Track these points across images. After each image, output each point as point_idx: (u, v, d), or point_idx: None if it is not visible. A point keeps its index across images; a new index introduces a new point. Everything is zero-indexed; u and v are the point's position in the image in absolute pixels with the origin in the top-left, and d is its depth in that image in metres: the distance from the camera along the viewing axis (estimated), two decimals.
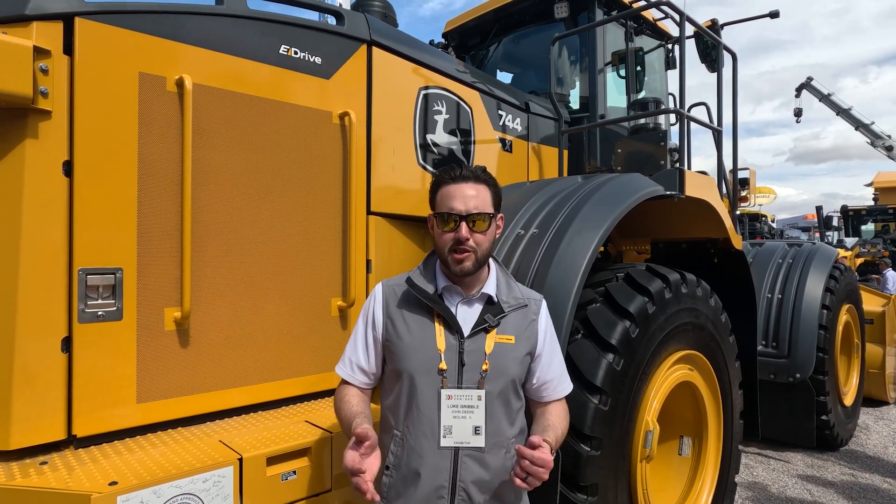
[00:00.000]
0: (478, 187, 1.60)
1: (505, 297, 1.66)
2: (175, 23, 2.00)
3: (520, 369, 1.63)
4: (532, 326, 1.67)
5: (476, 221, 1.57)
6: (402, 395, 1.58)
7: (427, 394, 1.54)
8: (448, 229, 1.58)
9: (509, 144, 3.45)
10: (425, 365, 1.56)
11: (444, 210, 1.59)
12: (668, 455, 2.87)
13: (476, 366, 1.56)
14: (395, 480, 1.56)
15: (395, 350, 1.60)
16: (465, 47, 4.86)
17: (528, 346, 1.64)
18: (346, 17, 2.53)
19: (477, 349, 1.57)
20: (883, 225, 18.89)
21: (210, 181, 2.08)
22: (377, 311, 1.67)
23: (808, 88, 20.58)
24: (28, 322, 1.71)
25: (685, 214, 3.34)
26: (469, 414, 1.53)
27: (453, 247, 1.56)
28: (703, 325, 2.80)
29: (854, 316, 5.43)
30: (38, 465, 1.68)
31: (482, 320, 1.59)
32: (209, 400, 2.09)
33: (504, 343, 1.60)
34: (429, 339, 1.58)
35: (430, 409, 1.54)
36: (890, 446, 5.03)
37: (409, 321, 1.61)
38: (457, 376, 1.55)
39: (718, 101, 3.74)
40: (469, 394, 1.54)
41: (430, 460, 1.52)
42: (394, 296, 1.67)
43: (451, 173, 1.61)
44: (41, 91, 1.71)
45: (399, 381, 1.60)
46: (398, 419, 1.59)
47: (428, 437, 1.53)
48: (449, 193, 1.59)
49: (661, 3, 3.39)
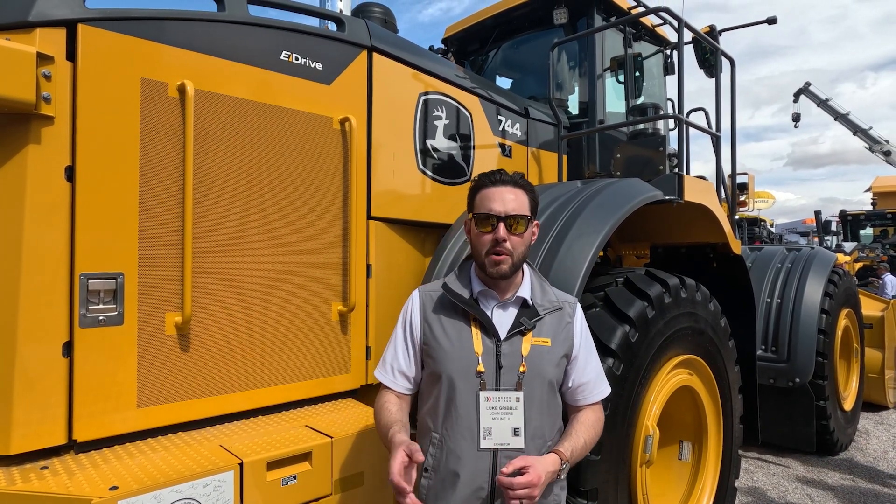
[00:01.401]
0: (516, 191, 1.63)
1: (540, 301, 1.68)
2: (177, 29, 2.01)
3: (556, 371, 1.64)
4: (567, 329, 1.68)
5: (514, 224, 1.59)
6: (440, 399, 1.60)
7: (465, 396, 1.56)
8: (486, 230, 1.60)
9: (509, 149, 3.47)
10: (463, 368, 1.57)
11: (483, 211, 1.61)
12: (668, 460, 2.86)
13: (513, 368, 1.57)
14: (433, 483, 1.58)
15: (434, 354, 1.62)
16: (465, 53, 4.89)
17: (564, 348, 1.66)
18: (347, 23, 2.55)
19: (514, 352, 1.58)
20: (882, 230, 18.91)
21: (211, 186, 2.09)
22: (415, 317, 1.69)
23: (807, 93, 20.64)
24: (29, 326, 1.71)
25: (684, 219, 3.35)
26: (508, 416, 1.55)
27: (491, 248, 1.59)
28: (702, 330, 2.81)
29: (853, 320, 5.43)
30: (38, 470, 1.68)
31: (518, 323, 1.61)
32: (210, 404, 2.10)
33: (540, 345, 1.61)
34: (466, 343, 1.59)
35: (469, 411, 1.55)
36: (890, 451, 5.02)
37: (447, 325, 1.63)
38: (495, 378, 1.57)
39: (717, 107, 3.76)
40: (507, 395, 1.56)
41: (470, 462, 1.53)
42: (430, 301, 1.69)
43: (491, 177, 1.65)
44: (44, 97, 1.72)
45: (437, 384, 1.61)
46: (437, 422, 1.60)
47: (467, 439, 1.55)
48: (489, 196, 1.62)
49: (659, 9, 3.41)
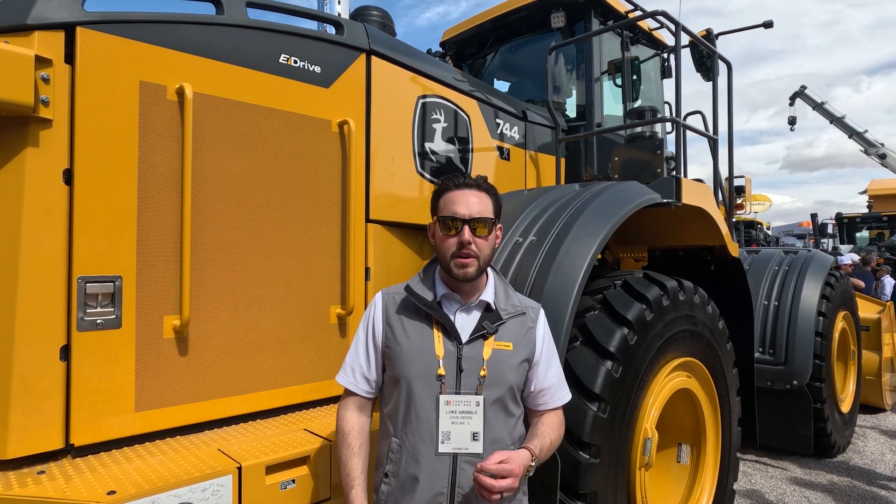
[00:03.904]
0: (480, 195, 1.63)
1: (503, 305, 1.67)
2: (176, 32, 2.01)
3: (517, 376, 1.63)
4: (530, 334, 1.68)
5: (478, 226, 1.59)
6: (400, 402, 1.59)
7: (425, 400, 1.55)
8: (451, 234, 1.60)
9: (507, 152, 3.47)
10: (424, 371, 1.56)
11: (447, 214, 1.61)
12: (667, 463, 2.86)
13: (474, 372, 1.56)
14: (393, 488, 1.57)
15: (394, 356, 1.61)
16: (463, 56, 4.90)
17: (525, 352, 1.65)
18: (346, 27, 2.55)
19: (475, 355, 1.58)
20: (878, 232, 18.96)
21: (210, 190, 2.09)
22: (377, 318, 1.68)
23: (802, 97, 20.71)
24: (27, 330, 1.70)
25: (682, 222, 3.36)
26: (467, 420, 1.54)
27: (457, 251, 1.58)
28: (700, 333, 2.81)
29: (850, 323, 5.45)
30: (35, 475, 1.67)
31: (480, 327, 1.61)
32: (208, 408, 2.09)
33: (502, 350, 1.61)
34: (427, 346, 1.59)
35: (429, 414, 1.54)
36: (887, 453, 5.03)
37: (408, 328, 1.62)
38: (455, 382, 1.56)
39: (714, 110, 3.78)
40: (467, 399, 1.55)
41: (429, 466, 1.53)
42: (393, 303, 1.68)
43: (454, 181, 1.65)
44: (42, 100, 1.71)
45: (398, 387, 1.60)
46: (397, 426, 1.59)
47: (426, 443, 1.54)
48: (452, 199, 1.62)
49: (656, 13, 3.43)
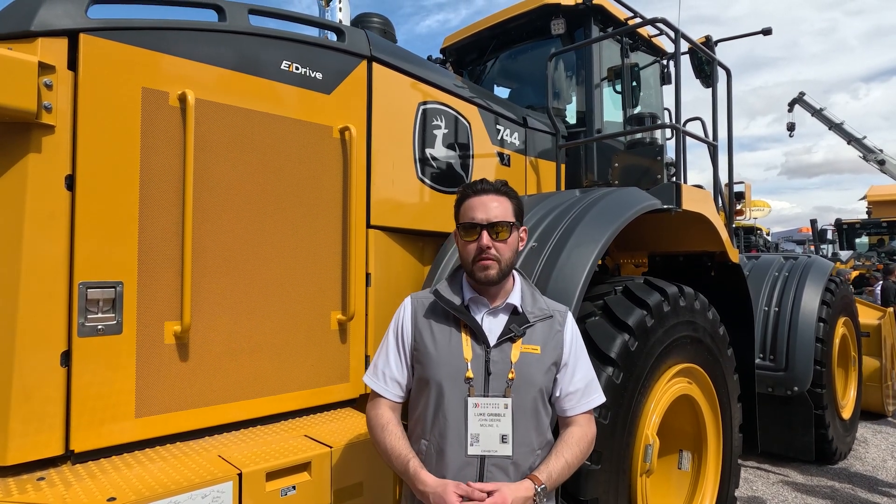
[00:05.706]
0: (499, 199, 1.65)
1: (530, 308, 1.68)
2: (178, 39, 2.02)
3: (546, 379, 1.64)
4: (558, 337, 1.68)
5: (498, 231, 1.61)
6: (429, 405, 1.60)
7: (454, 402, 1.56)
8: (471, 239, 1.62)
9: (507, 158, 3.48)
10: (452, 374, 1.58)
11: (466, 220, 1.63)
12: (668, 469, 2.85)
13: (502, 375, 1.57)
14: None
15: (423, 360, 1.63)
16: (463, 63, 4.91)
17: (553, 356, 1.66)
18: (347, 34, 2.57)
19: (503, 358, 1.59)
20: (878, 238, 18.99)
21: (211, 196, 2.10)
22: (406, 322, 1.70)
23: (801, 103, 20.79)
24: (27, 336, 1.70)
25: (682, 228, 3.36)
26: (496, 422, 1.55)
27: (477, 256, 1.60)
28: (701, 339, 2.81)
29: (850, 329, 5.44)
30: (35, 481, 1.67)
31: (508, 330, 1.62)
32: (208, 414, 2.08)
33: (530, 353, 1.61)
34: (455, 349, 1.60)
35: (458, 417, 1.55)
36: (889, 459, 5.01)
37: (437, 332, 1.64)
38: (483, 385, 1.57)
39: (714, 116, 3.79)
40: (496, 402, 1.56)
41: (457, 468, 1.53)
42: (422, 307, 1.70)
43: (473, 187, 1.67)
44: (45, 106, 1.72)
45: (427, 390, 1.62)
46: (426, 428, 1.60)
47: (455, 445, 1.54)
48: (471, 205, 1.64)
49: (656, 20, 3.44)
